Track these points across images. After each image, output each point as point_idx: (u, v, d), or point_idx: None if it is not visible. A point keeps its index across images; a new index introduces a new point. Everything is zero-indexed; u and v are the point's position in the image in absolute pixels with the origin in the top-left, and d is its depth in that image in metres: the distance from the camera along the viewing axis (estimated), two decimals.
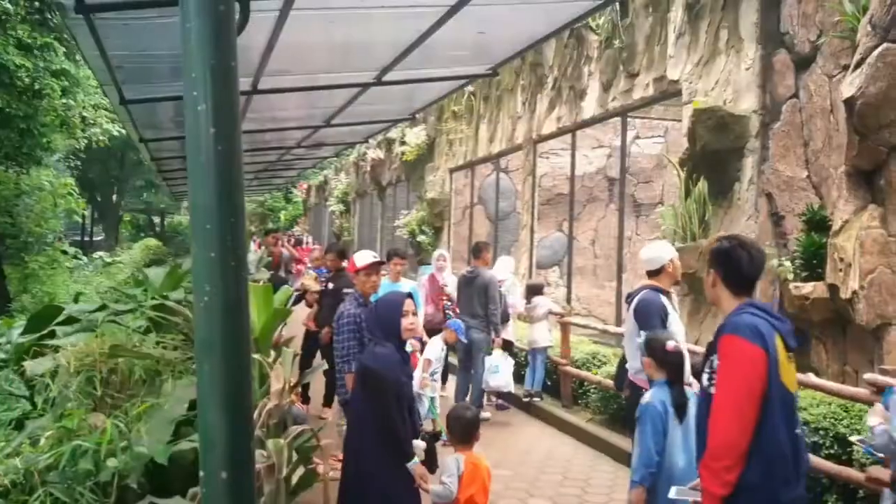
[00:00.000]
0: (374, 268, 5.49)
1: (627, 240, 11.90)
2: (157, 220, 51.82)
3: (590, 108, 10.28)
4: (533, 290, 9.27)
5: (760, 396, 2.75)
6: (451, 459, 4.12)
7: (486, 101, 14.14)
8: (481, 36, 6.29)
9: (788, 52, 7.03)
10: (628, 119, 10.15)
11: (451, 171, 16.17)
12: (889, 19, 5.69)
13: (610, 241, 12.89)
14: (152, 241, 33.69)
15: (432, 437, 4.26)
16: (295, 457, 3.92)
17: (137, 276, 9.14)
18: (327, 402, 8.16)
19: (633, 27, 9.33)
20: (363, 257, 5.61)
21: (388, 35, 5.86)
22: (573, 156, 11.31)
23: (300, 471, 4.00)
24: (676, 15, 8.40)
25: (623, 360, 5.51)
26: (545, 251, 14.17)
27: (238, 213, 1.48)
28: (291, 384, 4.57)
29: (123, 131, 15.51)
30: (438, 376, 7.38)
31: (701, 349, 4.29)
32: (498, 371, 8.16)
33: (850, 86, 5.87)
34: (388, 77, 6.86)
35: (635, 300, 5.09)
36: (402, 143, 17.92)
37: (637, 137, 13.49)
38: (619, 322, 9.21)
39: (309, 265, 10.87)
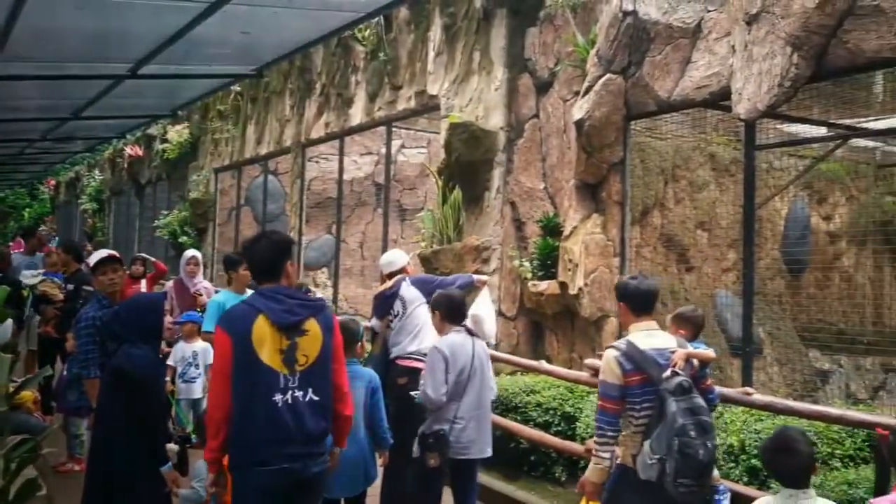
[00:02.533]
0: (107, 264, 5.21)
1: (393, 242, 12.35)
2: None
3: (357, 115, 10.57)
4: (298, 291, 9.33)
5: (229, 374, 3.17)
6: (202, 463, 4.07)
7: (254, 103, 13.93)
8: (245, 36, 6.29)
9: (531, 76, 7.83)
10: (395, 129, 10.59)
11: (217, 171, 15.68)
12: (612, 53, 6.58)
13: (377, 244, 13.31)
14: None
15: (183, 441, 4.21)
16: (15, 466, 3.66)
17: None
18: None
19: (396, 42, 9.76)
20: (96, 255, 5.34)
21: (146, 27, 5.67)
22: (341, 161, 11.55)
23: (20, 481, 3.74)
24: (435, 34, 8.96)
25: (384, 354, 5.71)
26: (314, 253, 14.30)
27: None
28: (9, 391, 4.26)
29: None
30: (199, 381, 7.13)
31: None
32: None
33: (579, 109, 6.70)
34: (144, 70, 6.60)
35: (409, 280, 5.53)
36: (164, 140, 17.01)
37: (403, 147, 14.11)
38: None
39: (42, 270, 9.25)
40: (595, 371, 5.13)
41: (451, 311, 4.46)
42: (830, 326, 8.93)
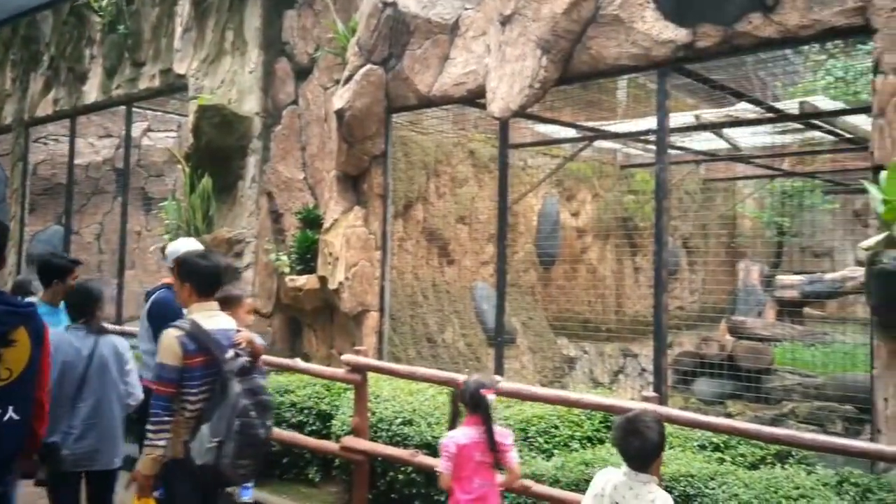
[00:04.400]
0: None
1: (137, 234, 11.39)
2: None
3: (92, 93, 9.62)
4: (21, 289, 8.11)
5: None
6: None
7: None
8: None
9: (289, 60, 7.50)
10: (139, 110, 9.74)
11: None
12: (373, 43, 6.46)
13: (117, 236, 12.17)
14: None
15: None
16: None
17: None
18: None
19: (139, 14, 8.98)
20: None
21: None
22: (72, 143, 10.45)
23: None
24: (183, 9, 8.30)
25: None
26: (41, 245, 12.71)
27: None
28: None
29: None
30: None
31: None
32: None
33: (339, 99, 6.51)
34: None
35: (150, 300, 4.87)
36: None
37: (149, 130, 13.01)
38: (119, 319, 8.77)
39: None
40: (353, 367, 5.00)
41: (77, 308, 4.04)
42: (577, 315, 9.65)
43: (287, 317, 7.18)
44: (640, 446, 2.81)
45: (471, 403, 3.47)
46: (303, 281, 6.68)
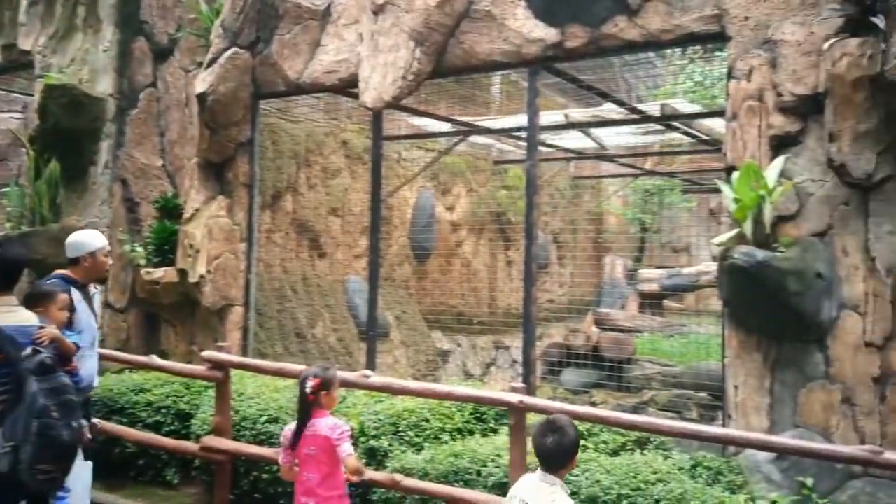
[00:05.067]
0: None
1: None
2: None
3: None
4: None
5: None
6: None
7: None
8: None
9: (148, 40, 7.09)
10: None
11: None
12: (238, 25, 6.19)
13: None
14: None
15: None
16: None
17: None
18: None
19: None
20: None
21: None
22: None
23: None
24: None
25: None
26: None
27: None
28: None
29: None
30: None
31: None
32: None
33: (202, 82, 6.20)
34: None
35: None
36: None
37: None
38: None
39: None
40: (214, 364, 4.76)
41: None
42: (451, 309, 9.71)
43: (143, 312, 6.79)
44: (555, 449, 2.81)
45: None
46: (160, 274, 6.33)
